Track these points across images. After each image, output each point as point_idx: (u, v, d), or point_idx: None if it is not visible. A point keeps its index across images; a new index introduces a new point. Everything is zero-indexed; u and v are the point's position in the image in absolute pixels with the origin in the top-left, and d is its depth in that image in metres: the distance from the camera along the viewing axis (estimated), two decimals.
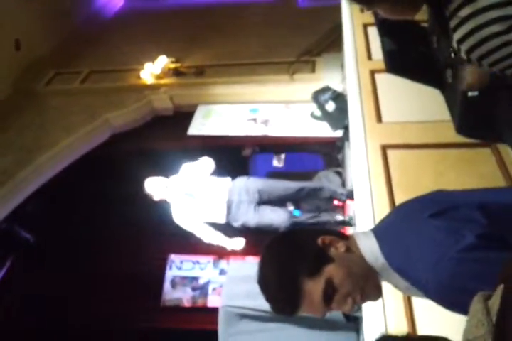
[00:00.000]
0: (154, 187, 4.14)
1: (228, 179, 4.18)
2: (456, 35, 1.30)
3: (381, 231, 1.13)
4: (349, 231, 3.81)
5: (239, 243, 4.20)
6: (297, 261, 1.08)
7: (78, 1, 6.67)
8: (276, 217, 3.99)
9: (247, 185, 4.07)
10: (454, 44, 1.33)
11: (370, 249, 1.08)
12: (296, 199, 4.27)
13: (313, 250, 1.09)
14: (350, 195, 3.77)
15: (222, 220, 4.08)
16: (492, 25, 1.22)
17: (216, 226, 4.19)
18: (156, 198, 4.19)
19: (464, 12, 1.26)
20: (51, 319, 5.37)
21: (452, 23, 1.30)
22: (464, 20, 1.26)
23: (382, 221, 1.19)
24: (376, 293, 1.11)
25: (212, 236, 4.16)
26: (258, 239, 3.99)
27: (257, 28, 5.98)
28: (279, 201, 4.15)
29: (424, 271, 0.96)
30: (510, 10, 1.22)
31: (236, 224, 4.05)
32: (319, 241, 1.10)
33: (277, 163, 5.81)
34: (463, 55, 1.33)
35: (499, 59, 1.26)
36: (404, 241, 1.04)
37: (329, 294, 1.06)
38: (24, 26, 5.51)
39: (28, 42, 5.54)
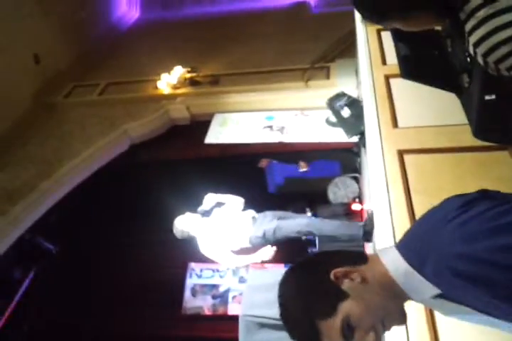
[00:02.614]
0: (185, 224, 4.09)
1: (252, 211, 4.19)
2: (472, 39, 1.27)
3: (403, 241, 1.04)
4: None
5: (267, 252, 3.97)
6: (310, 304, 1.01)
7: (95, 14, 6.79)
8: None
9: (271, 211, 4.13)
10: (470, 48, 1.30)
11: (391, 259, 0.99)
12: None
13: (325, 288, 1.00)
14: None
15: (247, 244, 4.03)
16: (510, 27, 1.20)
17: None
18: (183, 235, 4.12)
19: (483, 13, 1.22)
20: (73, 330, 5.42)
21: (469, 25, 1.27)
22: (482, 22, 1.23)
23: (405, 233, 1.07)
24: (401, 319, 1.01)
25: (238, 261, 4.09)
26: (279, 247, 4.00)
27: (271, 36, 6.01)
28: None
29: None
30: None
31: (258, 233, 3.94)
32: (332, 276, 0.99)
33: (302, 168, 5.75)
34: (479, 59, 1.30)
35: None
36: (421, 236, 0.96)
37: (348, 333, 0.97)
38: (43, 40, 5.64)
39: (46, 56, 5.65)
